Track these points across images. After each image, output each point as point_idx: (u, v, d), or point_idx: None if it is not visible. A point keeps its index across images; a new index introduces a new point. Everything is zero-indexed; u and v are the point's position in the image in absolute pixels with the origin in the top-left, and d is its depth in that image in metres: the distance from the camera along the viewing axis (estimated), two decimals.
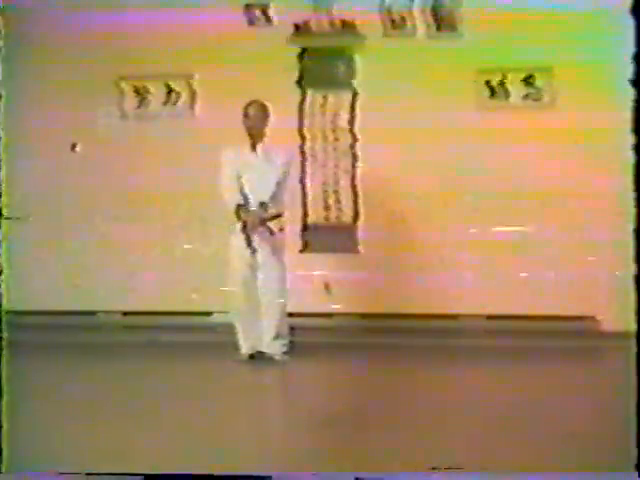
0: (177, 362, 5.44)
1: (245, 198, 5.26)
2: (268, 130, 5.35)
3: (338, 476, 3.29)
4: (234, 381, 5.13)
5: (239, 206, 5.23)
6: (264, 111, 5.34)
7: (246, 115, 5.33)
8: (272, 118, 5.35)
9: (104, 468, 3.27)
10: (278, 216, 5.32)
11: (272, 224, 5.27)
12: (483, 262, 5.92)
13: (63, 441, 3.78)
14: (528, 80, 5.93)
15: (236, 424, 4.26)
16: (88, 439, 3.80)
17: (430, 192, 5.93)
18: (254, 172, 5.27)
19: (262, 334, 5.30)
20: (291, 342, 5.40)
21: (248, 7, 6.10)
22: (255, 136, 5.32)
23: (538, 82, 5.92)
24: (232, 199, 5.26)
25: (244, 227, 5.23)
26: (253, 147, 5.33)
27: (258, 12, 6.10)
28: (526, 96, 5.95)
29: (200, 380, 5.01)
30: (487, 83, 5.96)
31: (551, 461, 3.38)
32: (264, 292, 5.30)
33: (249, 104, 5.34)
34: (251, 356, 5.36)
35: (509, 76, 5.94)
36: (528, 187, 5.81)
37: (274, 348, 5.35)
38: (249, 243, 5.24)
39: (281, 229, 5.34)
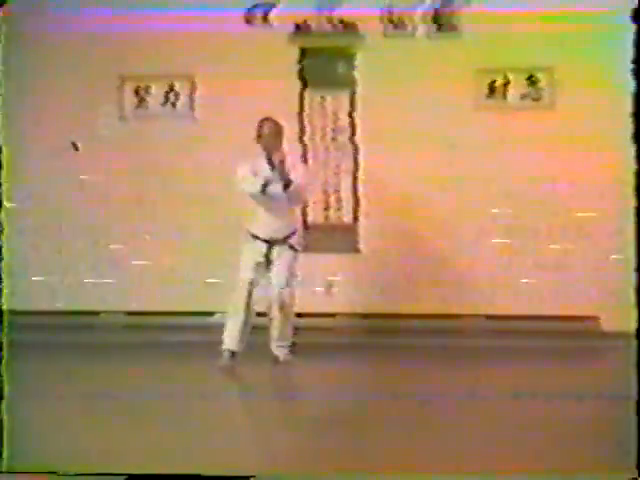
0: (179, 362, 5.43)
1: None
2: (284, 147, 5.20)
3: (328, 477, 3.29)
4: (235, 381, 5.14)
5: (264, 185, 5.04)
6: (277, 129, 5.16)
7: (260, 135, 5.15)
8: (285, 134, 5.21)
9: (105, 468, 3.27)
10: (295, 232, 5.31)
11: (293, 241, 5.26)
12: (483, 262, 5.92)
13: (64, 441, 3.78)
14: (527, 80, 5.92)
15: (237, 424, 4.27)
16: (89, 439, 3.79)
17: (430, 192, 5.93)
18: (271, 192, 5.09)
19: (243, 336, 5.26)
20: (292, 342, 5.40)
21: (249, 8, 6.10)
22: (270, 152, 5.12)
23: (537, 82, 5.91)
24: (256, 184, 5.05)
25: (269, 248, 5.20)
26: (272, 167, 5.09)
27: (259, 12, 6.09)
28: (525, 96, 5.95)
29: (202, 380, 5.01)
30: (487, 83, 5.95)
31: (551, 461, 3.38)
32: (274, 296, 5.26)
33: (262, 123, 5.15)
34: (232, 354, 5.27)
35: (508, 76, 5.94)
36: (527, 187, 5.81)
37: (278, 349, 5.35)
38: (268, 259, 5.22)
39: (299, 243, 5.33)
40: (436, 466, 3.30)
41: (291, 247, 5.24)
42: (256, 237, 5.23)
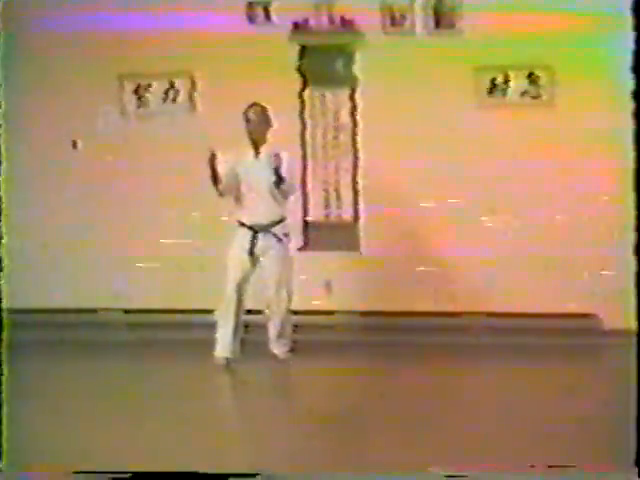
0: (178, 360, 5.44)
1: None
2: (270, 135, 5.26)
3: (327, 477, 3.29)
4: (235, 379, 5.15)
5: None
6: (265, 114, 5.22)
7: (247, 119, 5.22)
8: (273, 120, 5.26)
9: (105, 467, 3.27)
10: (281, 221, 5.29)
11: (276, 230, 5.24)
12: (484, 259, 5.91)
13: (63, 440, 3.78)
14: (527, 78, 5.91)
15: (237, 422, 4.28)
16: (89, 438, 3.80)
17: (430, 190, 5.92)
18: (254, 178, 5.19)
19: (236, 341, 5.25)
20: (291, 340, 5.40)
21: (249, 5, 6.09)
22: (257, 141, 5.23)
23: (537, 80, 5.90)
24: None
25: (253, 235, 5.20)
26: (256, 153, 5.24)
27: (259, 10, 6.09)
28: (525, 93, 5.93)
29: (201, 378, 5.02)
30: (486, 81, 5.94)
31: (551, 460, 3.38)
32: (268, 293, 5.27)
33: (249, 108, 5.22)
34: (227, 360, 5.25)
35: (508, 74, 5.93)
36: (528, 186, 5.81)
37: (277, 347, 5.35)
38: (252, 251, 5.21)
39: (285, 234, 5.30)
40: (436, 465, 3.30)
41: (278, 239, 5.22)
42: (242, 224, 5.24)
